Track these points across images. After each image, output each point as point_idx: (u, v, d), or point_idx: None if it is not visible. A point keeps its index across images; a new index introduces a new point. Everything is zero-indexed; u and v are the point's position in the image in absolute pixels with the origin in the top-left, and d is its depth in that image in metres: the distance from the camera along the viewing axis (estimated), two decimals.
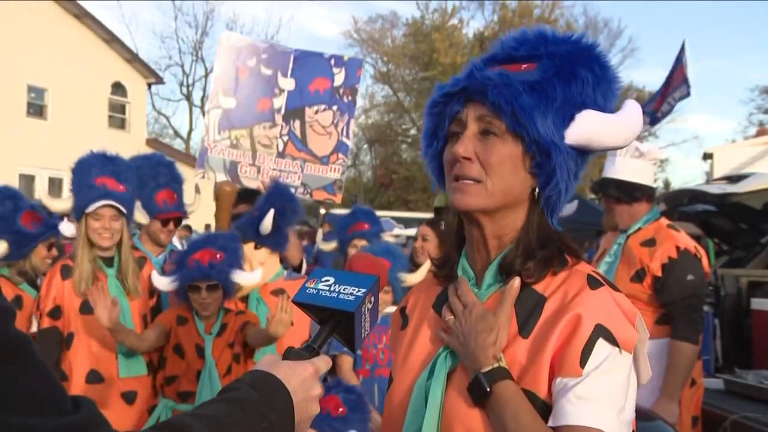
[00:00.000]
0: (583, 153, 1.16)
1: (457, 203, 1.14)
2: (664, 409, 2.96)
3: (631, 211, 3.23)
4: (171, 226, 3.51)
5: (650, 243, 3.16)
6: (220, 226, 3.58)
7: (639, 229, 3.23)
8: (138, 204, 3.21)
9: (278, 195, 3.37)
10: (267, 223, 3.24)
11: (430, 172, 1.26)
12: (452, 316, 1.17)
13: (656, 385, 3.03)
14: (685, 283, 3.06)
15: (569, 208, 3.36)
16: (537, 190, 1.14)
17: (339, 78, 3.95)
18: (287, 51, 3.96)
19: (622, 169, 3.19)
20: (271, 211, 3.25)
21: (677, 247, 3.09)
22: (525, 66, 1.15)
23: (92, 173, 2.94)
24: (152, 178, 3.38)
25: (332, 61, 3.96)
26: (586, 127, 1.12)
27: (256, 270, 3.12)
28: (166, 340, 2.95)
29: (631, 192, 3.19)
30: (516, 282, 1.12)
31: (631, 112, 1.17)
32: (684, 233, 3.24)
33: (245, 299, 3.34)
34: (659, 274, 3.09)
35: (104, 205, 2.91)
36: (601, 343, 1.04)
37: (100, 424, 0.80)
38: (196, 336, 2.95)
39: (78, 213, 2.96)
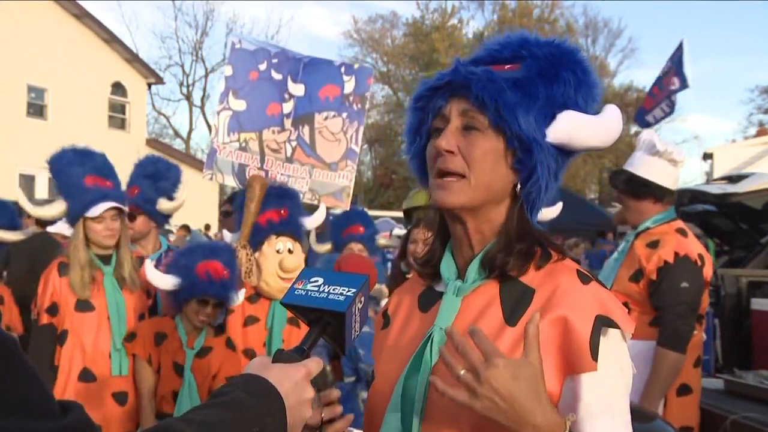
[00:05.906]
0: (564, 153, 1.18)
1: (440, 201, 1.15)
2: None
3: (638, 206, 3.16)
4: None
5: (654, 245, 3.07)
6: (248, 219, 3.45)
7: (647, 229, 3.14)
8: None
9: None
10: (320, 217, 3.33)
11: (413, 170, 1.27)
12: (465, 370, 1.00)
13: (640, 388, 2.97)
14: (677, 290, 2.97)
15: (553, 212, 3.30)
16: (518, 186, 1.16)
17: (349, 86, 3.91)
18: (298, 57, 3.93)
19: (636, 162, 3.14)
20: (324, 206, 3.34)
21: (676, 253, 3.00)
22: (508, 66, 1.17)
23: (77, 173, 2.91)
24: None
25: (342, 69, 3.94)
26: (567, 126, 1.14)
27: (241, 291, 3.08)
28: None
29: (636, 187, 3.12)
30: (536, 319, 1.05)
31: (611, 115, 1.20)
32: (692, 239, 3.13)
33: (255, 300, 3.27)
34: (654, 277, 3.01)
35: (108, 208, 2.89)
36: (606, 332, 1.07)
37: (88, 429, 0.79)
38: (177, 351, 2.88)
39: (75, 217, 2.93)
